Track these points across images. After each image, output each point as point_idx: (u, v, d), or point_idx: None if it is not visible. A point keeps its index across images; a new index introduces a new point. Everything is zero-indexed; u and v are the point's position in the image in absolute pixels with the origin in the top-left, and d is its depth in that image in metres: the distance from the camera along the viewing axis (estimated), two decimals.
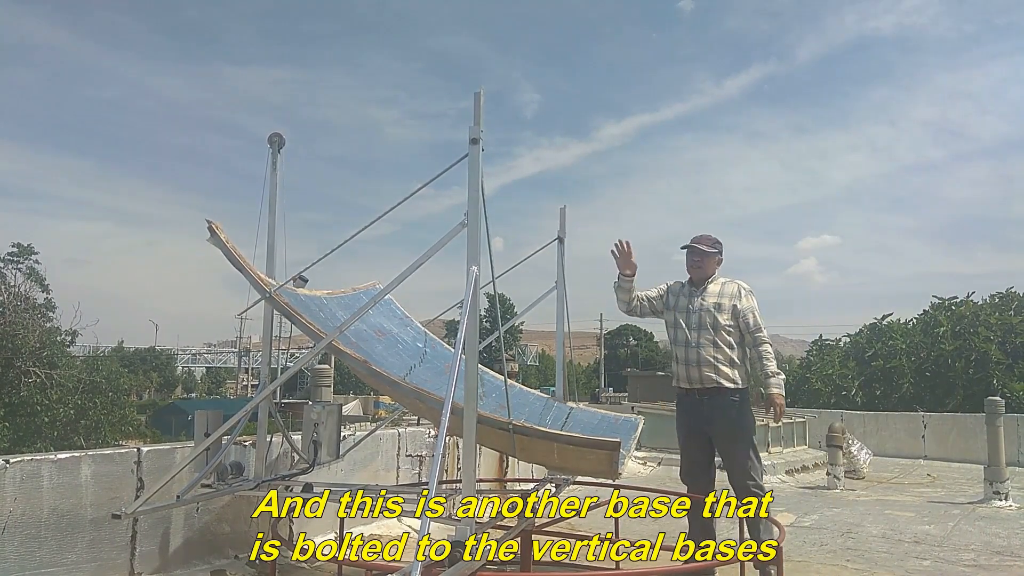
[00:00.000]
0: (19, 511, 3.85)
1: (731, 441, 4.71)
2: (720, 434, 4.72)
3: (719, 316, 4.74)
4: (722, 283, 4.88)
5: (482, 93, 3.43)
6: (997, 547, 6.07)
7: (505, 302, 47.12)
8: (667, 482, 9.72)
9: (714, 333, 4.71)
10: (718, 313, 4.75)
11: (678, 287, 4.98)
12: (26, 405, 16.71)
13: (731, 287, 4.87)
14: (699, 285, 4.88)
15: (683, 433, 4.90)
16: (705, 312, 4.76)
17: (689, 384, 4.76)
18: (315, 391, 8.57)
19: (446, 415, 3.08)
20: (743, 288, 4.87)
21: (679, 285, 4.99)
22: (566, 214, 6.01)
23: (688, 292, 4.90)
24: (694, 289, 4.88)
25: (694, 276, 4.92)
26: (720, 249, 4.95)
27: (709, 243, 4.91)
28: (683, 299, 4.89)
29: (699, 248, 4.89)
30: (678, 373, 4.82)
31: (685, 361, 4.75)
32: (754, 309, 4.82)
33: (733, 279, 4.92)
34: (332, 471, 5.17)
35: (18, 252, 22.61)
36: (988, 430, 8.76)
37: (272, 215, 4.76)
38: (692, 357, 4.72)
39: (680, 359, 4.78)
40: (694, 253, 4.90)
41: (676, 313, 4.87)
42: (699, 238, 4.94)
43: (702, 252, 4.87)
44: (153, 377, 66.10)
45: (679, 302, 4.90)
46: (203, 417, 4.53)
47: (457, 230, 3.46)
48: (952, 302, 22.79)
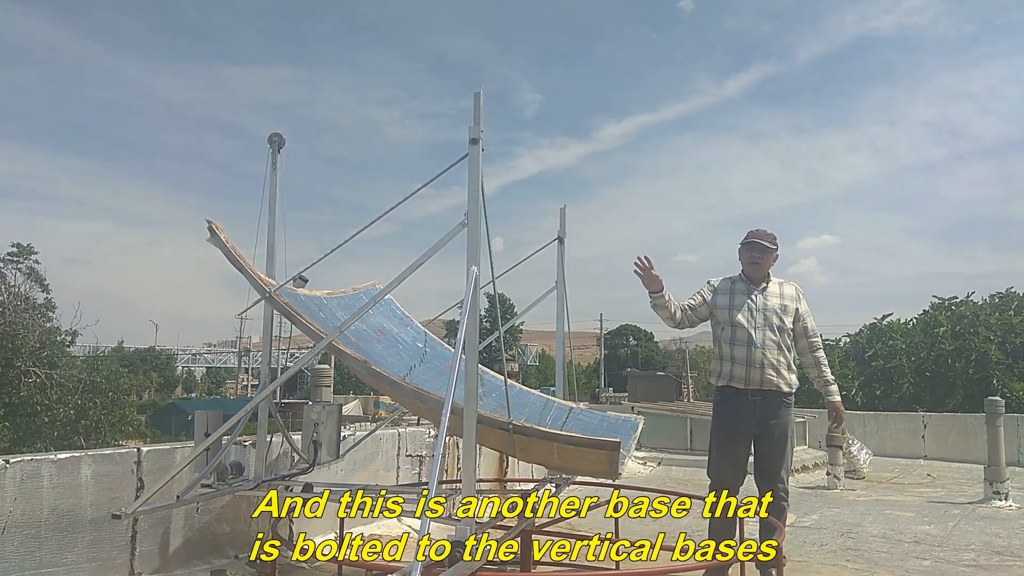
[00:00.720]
0: (19, 511, 3.85)
1: (777, 444, 4.58)
2: (767, 436, 4.56)
3: (785, 318, 4.62)
4: (780, 283, 4.74)
5: (482, 93, 3.43)
6: (997, 547, 6.07)
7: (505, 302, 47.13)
8: (667, 482, 9.74)
9: (779, 335, 4.58)
10: (784, 315, 4.63)
11: (728, 284, 4.73)
12: (26, 405, 16.71)
13: (790, 288, 4.75)
14: (757, 283, 4.68)
15: (727, 434, 4.65)
16: (771, 312, 4.60)
17: (745, 384, 4.54)
18: (315, 391, 8.57)
19: (446, 415, 3.09)
20: (799, 290, 4.78)
21: (729, 282, 4.75)
22: (566, 214, 6.01)
23: (746, 289, 4.67)
24: (753, 287, 4.67)
25: (753, 273, 4.69)
26: (777, 246, 4.75)
27: (769, 239, 4.69)
28: (741, 296, 4.65)
29: (761, 244, 4.66)
30: (732, 373, 4.58)
31: (746, 361, 4.53)
32: (810, 313, 4.74)
33: (789, 280, 4.80)
34: (332, 471, 5.17)
35: (18, 252, 22.64)
36: (988, 430, 8.77)
37: (272, 215, 4.77)
38: (756, 358, 4.52)
39: (739, 359, 4.55)
40: (754, 249, 4.66)
41: (734, 311, 4.61)
42: (758, 233, 4.70)
43: (763, 248, 4.66)
44: (153, 377, 66.09)
45: (735, 300, 4.64)
46: (203, 417, 4.53)
47: (457, 230, 3.46)
48: (952, 302, 22.81)
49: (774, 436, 4.57)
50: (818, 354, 4.71)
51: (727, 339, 4.61)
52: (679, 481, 9.99)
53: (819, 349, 4.73)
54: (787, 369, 4.58)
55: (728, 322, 4.61)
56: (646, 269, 4.56)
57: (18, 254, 22.67)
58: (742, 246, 4.72)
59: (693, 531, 6.16)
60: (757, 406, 4.53)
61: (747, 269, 4.71)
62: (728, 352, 4.61)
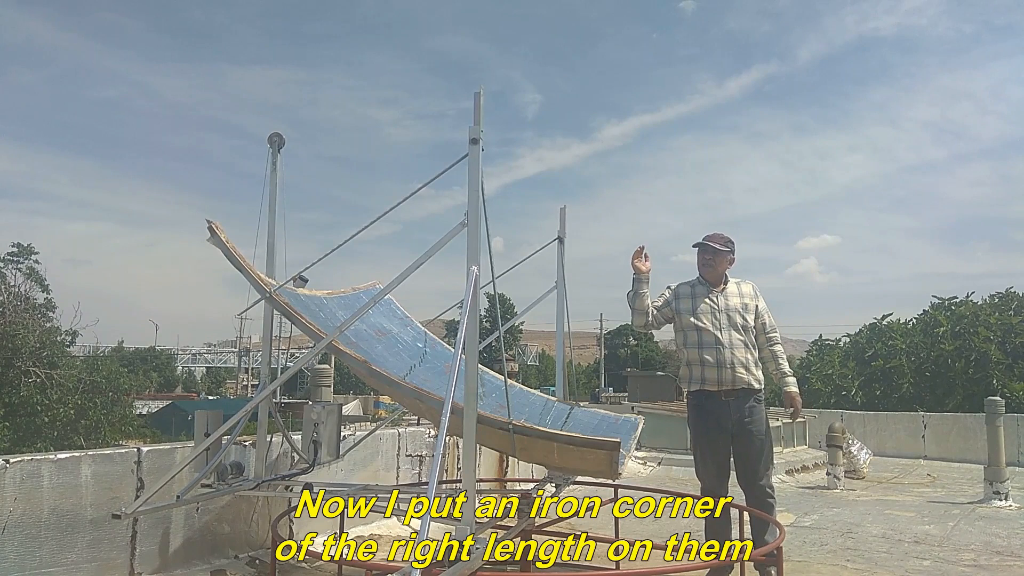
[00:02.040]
0: (19, 511, 3.85)
1: (756, 442, 4.63)
2: (745, 435, 4.62)
3: (746, 316, 4.72)
4: (737, 283, 4.84)
5: (482, 93, 3.43)
6: (997, 547, 6.07)
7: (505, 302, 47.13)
8: (667, 482, 9.73)
9: (744, 334, 4.67)
10: (745, 313, 4.72)
11: (687, 288, 4.83)
12: (26, 405, 16.70)
13: (747, 287, 4.84)
14: (715, 284, 4.78)
15: (706, 437, 4.71)
16: (734, 312, 4.69)
17: (718, 386, 4.61)
18: (315, 391, 8.57)
19: (446, 415, 3.08)
20: (756, 288, 4.87)
21: (687, 286, 4.85)
22: (566, 214, 6.01)
23: (705, 292, 4.77)
24: (712, 288, 4.77)
25: (707, 275, 4.81)
26: (732, 248, 4.86)
27: (722, 242, 4.81)
28: (700, 300, 4.75)
29: (711, 246, 4.78)
30: (704, 376, 4.63)
31: (716, 363, 4.59)
32: (768, 310, 4.85)
33: (745, 279, 4.90)
34: (332, 471, 5.18)
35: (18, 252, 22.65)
36: (988, 430, 8.77)
37: (272, 215, 4.76)
38: (725, 358, 4.59)
39: (709, 361, 4.61)
40: (706, 251, 4.80)
41: (698, 314, 4.70)
42: (711, 236, 4.84)
43: (714, 250, 4.78)
44: (153, 377, 66.10)
45: (696, 303, 4.74)
46: (203, 417, 4.53)
47: (457, 230, 3.46)
48: (952, 302, 22.81)
49: (752, 434, 4.63)
50: (776, 348, 4.79)
51: (694, 343, 4.69)
52: (679, 481, 9.98)
53: (777, 344, 4.81)
54: (755, 366, 4.69)
55: (692, 326, 4.70)
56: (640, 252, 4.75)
57: (18, 254, 22.70)
58: (696, 248, 4.84)
59: (694, 531, 6.16)
60: (732, 406, 4.60)
61: (701, 271, 4.82)
62: (697, 356, 4.67)
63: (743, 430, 4.62)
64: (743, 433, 4.62)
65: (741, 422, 4.61)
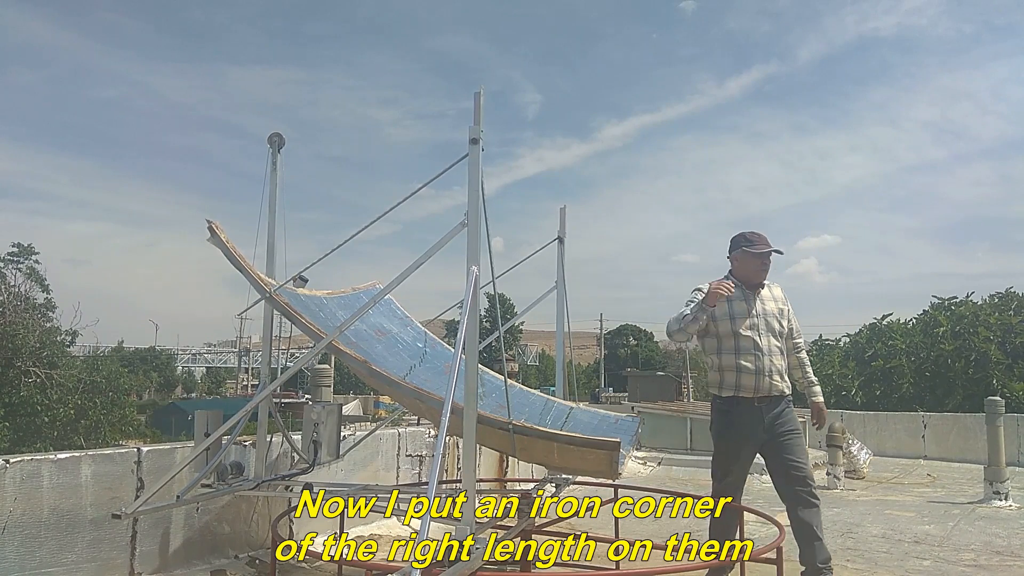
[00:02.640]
0: (19, 511, 3.85)
1: (796, 442, 4.47)
2: (782, 442, 4.42)
3: (782, 322, 4.54)
4: (768, 285, 4.61)
5: (482, 93, 3.43)
6: (997, 547, 6.07)
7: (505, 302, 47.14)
8: (667, 482, 9.74)
9: (780, 340, 4.49)
10: (780, 319, 4.54)
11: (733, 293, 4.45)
12: (26, 405, 16.70)
13: (778, 290, 4.63)
14: (753, 288, 4.53)
15: (737, 444, 4.53)
16: (771, 317, 4.49)
17: (754, 393, 4.39)
18: (315, 391, 8.57)
19: (446, 415, 3.09)
20: (783, 290, 4.68)
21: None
22: (566, 214, 6.02)
23: (743, 295, 4.48)
24: (749, 292, 4.51)
25: (758, 280, 4.54)
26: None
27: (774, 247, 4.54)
28: (740, 303, 4.46)
29: (774, 253, 4.50)
30: (740, 383, 4.40)
31: (755, 370, 4.37)
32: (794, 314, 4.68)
33: (772, 280, 4.66)
34: (332, 471, 5.18)
35: (18, 252, 22.65)
36: (988, 430, 8.77)
37: (272, 215, 4.77)
38: (764, 366, 4.38)
39: (747, 368, 4.38)
40: (766, 258, 4.51)
41: (736, 320, 4.43)
42: (764, 239, 4.52)
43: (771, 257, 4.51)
44: (153, 377, 66.12)
45: (734, 308, 4.45)
46: (203, 417, 4.53)
47: (457, 230, 3.46)
48: (952, 302, 22.81)
49: (789, 435, 4.45)
50: (802, 355, 4.68)
51: (730, 349, 4.43)
52: (679, 481, 9.99)
53: (803, 349, 4.70)
54: (787, 372, 4.55)
55: (730, 332, 4.44)
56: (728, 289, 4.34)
57: (18, 254, 22.69)
58: (750, 254, 4.50)
59: (694, 531, 6.16)
60: (764, 412, 4.42)
61: (754, 276, 4.53)
62: (732, 362, 4.43)
63: (779, 433, 4.43)
64: (779, 433, 4.43)
65: (774, 425, 4.43)
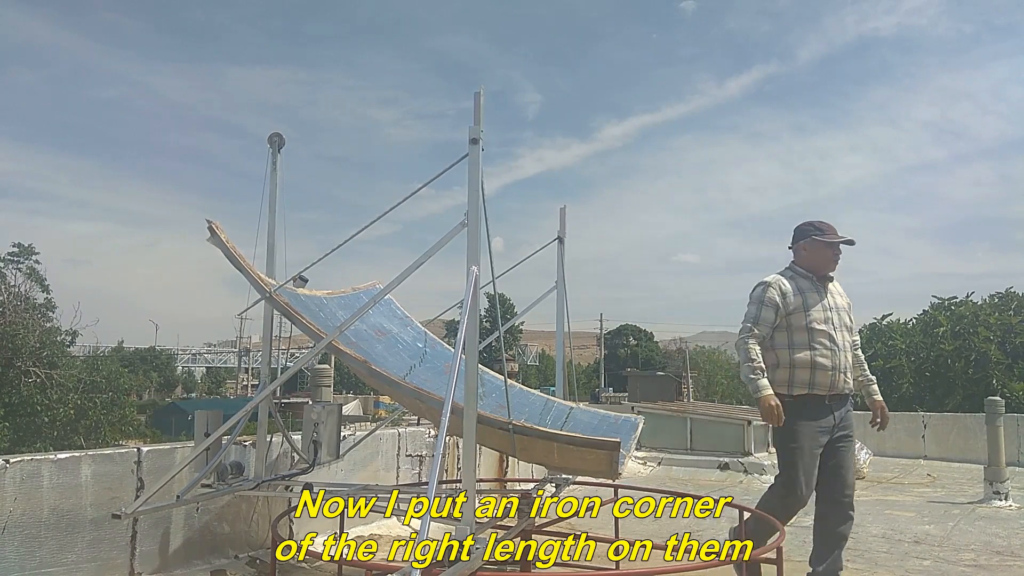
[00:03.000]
0: (19, 511, 3.85)
1: (851, 449, 4.34)
2: (838, 447, 4.26)
3: (852, 316, 4.36)
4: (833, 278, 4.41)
5: (482, 93, 3.43)
6: (997, 547, 6.07)
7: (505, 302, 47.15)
8: (667, 482, 9.73)
9: (850, 335, 4.32)
10: (850, 312, 4.37)
11: (792, 284, 4.29)
12: (26, 405, 16.71)
13: (839, 284, 4.44)
14: (823, 281, 4.34)
15: (813, 445, 4.20)
16: (843, 312, 4.32)
17: (829, 391, 4.19)
18: (315, 391, 8.57)
19: (446, 415, 3.09)
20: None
21: (790, 282, 4.30)
22: (566, 214, 6.02)
23: (814, 287, 4.29)
24: (819, 284, 4.31)
25: (829, 271, 4.35)
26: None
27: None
28: (813, 295, 4.26)
29: (846, 242, 4.31)
30: (814, 380, 4.18)
31: (832, 367, 4.18)
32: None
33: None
34: (332, 471, 5.18)
35: (18, 252, 22.64)
36: (988, 430, 8.76)
37: (272, 215, 4.77)
38: (839, 362, 4.19)
39: (823, 365, 4.17)
40: (837, 248, 4.31)
41: (811, 312, 4.22)
42: (832, 228, 4.33)
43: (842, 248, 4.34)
44: (153, 377, 66.09)
45: (808, 299, 4.24)
46: (203, 417, 4.53)
47: (457, 230, 3.46)
48: (952, 302, 22.82)
49: (847, 440, 4.30)
50: (859, 352, 4.46)
51: (803, 343, 4.20)
52: (679, 481, 9.99)
53: (859, 347, 4.49)
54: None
55: (804, 326, 4.20)
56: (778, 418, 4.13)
57: (18, 254, 22.69)
58: (821, 243, 4.30)
59: (694, 531, 6.16)
60: (834, 412, 4.23)
61: (824, 267, 4.33)
62: (808, 358, 4.18)
63: (841, 438, 4.27)
64: (838, 436, 4.26)
65: (839, 427, 4.25)
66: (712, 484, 9.89)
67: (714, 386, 54.10)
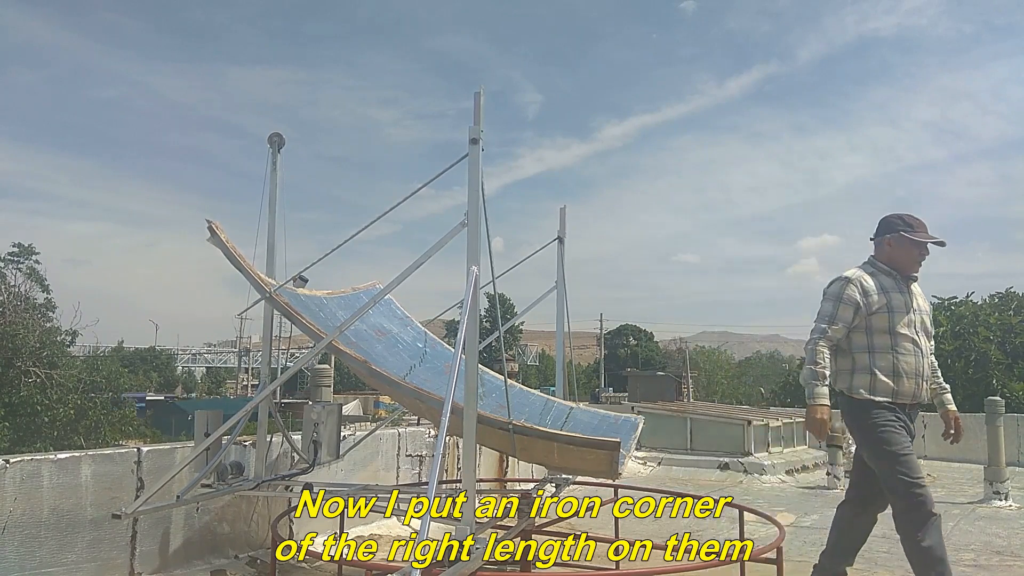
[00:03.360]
0: (19, 511, 3.85)
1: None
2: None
3: (932, 320, 4.06)
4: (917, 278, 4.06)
5: (482, 93, 3.43)
6: (997, 547, 6.06)
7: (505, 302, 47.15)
8: (667, 482, 9.73)
9: (931, 341, 3.98)
10: (930, 316, 4.06)
11: (874, 281, 3.91)
12: (26, 405, 16.70)
13: (919, 287, 4.07)
14: (907, 281, 3.98)
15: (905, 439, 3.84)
16: (925, 315, 3.98)
17: (911, 399, 3.87)
18: (315, 391, 8.57)
19: (446, 415, 3.09)
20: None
21: (872, 277, 3.92)
22: (566, 214, 6.02)
23: (898, 287, 3.92)
24: (903, 284, 3.95)
25: (912, 271, 3.98)
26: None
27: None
28: (897, 296, 3.89)
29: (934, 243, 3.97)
30: (899, 387, 3.82)
31: (915, 373, 3.84)
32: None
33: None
34: (332, 471, 5.18)
35: (18, 252, 22.63)
36: (988, 430, 8.77)
37: (272, 215, 4.77)
38: (922, 368, 3.87)
39: (907, 371, 3.82)
40: (925, 248, 3.96)
41: (896, 314, 3.85)
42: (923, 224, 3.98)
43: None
44: (153, 377, 66.09)
45: (892, 300, 3.87)
46: (203, 417, 4.53)
47: (457, 230, 3.46)
48: (952, 302, 22.83)
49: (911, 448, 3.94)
50: (933, 358, 4.08)
51: (886, 347, 3.82)
52: (679, 481, 9.99)
53: (933, 352, 4.10)
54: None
55: (886, 328, 3.82)
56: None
57: (19, 254, 22.67)
58: (909, 240, 3.92)
59: (694, 531, 6.16)
60: (910, 419, 3.90)
61: (909, 266, 3.97)
62: (891, 363, 3.80)
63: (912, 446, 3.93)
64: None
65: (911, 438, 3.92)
66: (712, 484, 9.89)
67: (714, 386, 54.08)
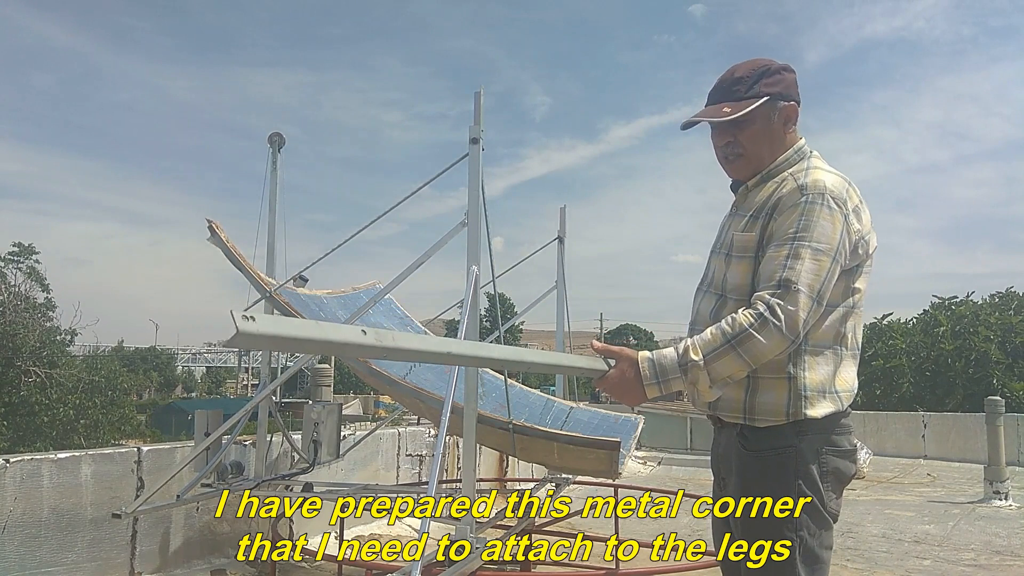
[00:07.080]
0: (19, 511, 3.85)
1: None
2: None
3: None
4: None
5: (482, 93, 3.43)
6: (997, 547, 6.06)
7: (505, 302, 47.10)
8: (667, 482, 9.73)
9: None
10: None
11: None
12: (26, 405, 16.71)
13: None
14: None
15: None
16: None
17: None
18: (315, 391, 8.57)
19: (446, 415, 3.09)
20: None
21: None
22: (567, 214, 6.02)
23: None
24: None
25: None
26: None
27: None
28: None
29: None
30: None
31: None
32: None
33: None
34: (332, 471, 5.18)
35: (19, 252, 22.62)
36: (988, 430, 8.76)
37: (272, 214, 4.77)
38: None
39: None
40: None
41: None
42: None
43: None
44: (153, 377, 66.08)
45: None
46: (203, 417, 4.53)
47: (457, 230, 3.47)
48: (952, 302, 22.80)
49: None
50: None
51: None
52: (679, 481, 9.98)
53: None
54: None
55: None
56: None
57: (19, 254, 22.66)
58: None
59: (694, 531, 6.16)
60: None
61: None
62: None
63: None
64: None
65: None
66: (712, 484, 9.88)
67: None
